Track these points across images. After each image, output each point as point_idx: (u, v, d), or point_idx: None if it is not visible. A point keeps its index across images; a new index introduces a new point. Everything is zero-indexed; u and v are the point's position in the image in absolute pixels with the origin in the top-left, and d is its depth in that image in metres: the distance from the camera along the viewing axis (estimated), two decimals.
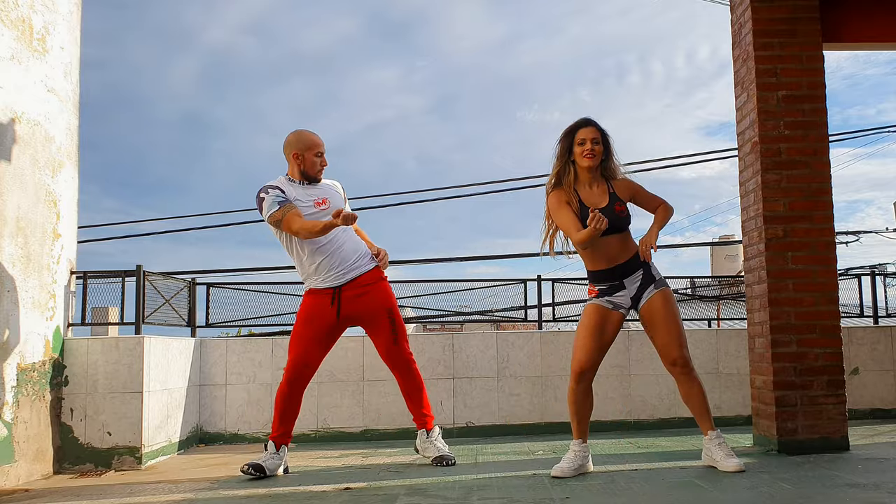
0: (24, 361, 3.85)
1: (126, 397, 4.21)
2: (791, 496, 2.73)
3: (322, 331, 3.73)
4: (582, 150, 3.35)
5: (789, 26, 4.01)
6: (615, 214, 3.33)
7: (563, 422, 5.18)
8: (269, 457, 3.64)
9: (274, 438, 3.69)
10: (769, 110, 3.98)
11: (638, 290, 3.36)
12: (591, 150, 3.34)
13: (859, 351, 5.46)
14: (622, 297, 3.36)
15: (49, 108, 4.20)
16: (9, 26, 3.85)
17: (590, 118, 3.44)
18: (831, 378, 3.84)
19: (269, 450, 3.68)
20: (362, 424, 5.12)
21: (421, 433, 3.89)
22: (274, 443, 3.68)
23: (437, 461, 3.77)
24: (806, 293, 3.89)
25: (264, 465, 3.59)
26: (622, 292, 3.36)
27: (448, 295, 6.12)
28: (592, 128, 3.38)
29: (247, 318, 5.56)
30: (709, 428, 3.37)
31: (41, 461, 3.97)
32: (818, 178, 3.96)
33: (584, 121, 3.42)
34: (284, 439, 3.71)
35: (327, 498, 3.04)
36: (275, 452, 3.67)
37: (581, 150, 3.36)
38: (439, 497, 2.95)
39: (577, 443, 3.40)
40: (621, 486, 3.03)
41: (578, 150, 3.37)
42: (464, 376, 5.21)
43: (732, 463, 3.25)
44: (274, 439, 3.69)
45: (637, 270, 3.37)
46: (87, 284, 4.49)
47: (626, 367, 5.26)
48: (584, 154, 3.35)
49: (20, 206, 3.87)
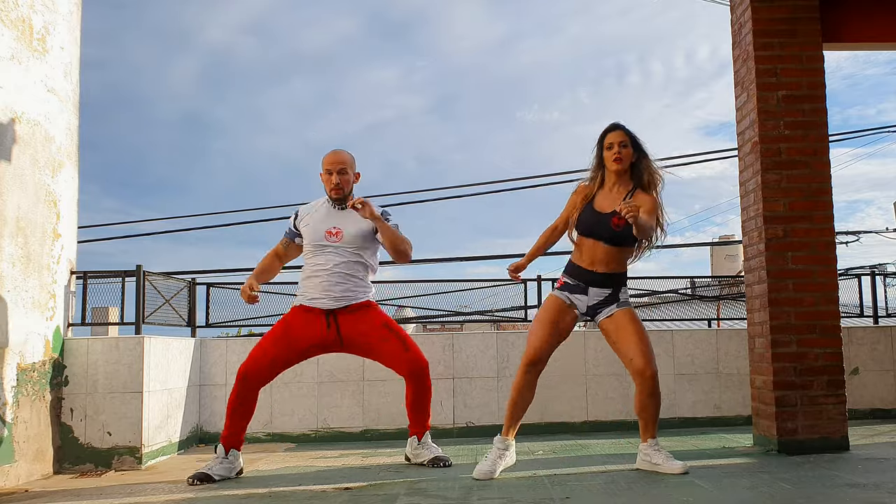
0: (24, 361, 3.85)
1: (126, 397, 4.21)
2: (791, 496, 2.73)
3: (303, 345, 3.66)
4: (610, 155, 3.40)
5: (789, 26, 4.01)
6: (609, 225, 3.33)
7: (563, 422, 5.19)
8: (217, 462, 3.53)
9: (223, 440, 3.58)
10: (769, 110, 3.98)
11: (598, 304, 3.39)
12: (619, 154, 3.38)
13: (859, 351, 5.46)
14: (580, 301, 3.41)
15: (49, 108, 4.20)
16: (9, 26, 3.85)
17: (618, 123, 3.47)
18: (831, 378, 3.84)
19: (217, 454, 3.56)
20: (362, 424, 5.12)
21: (412, 440, 3.84)
22: (223, 445, 3.57)
23: (434, 462, 3.74)
24: (806, 293, 3.89)
25: (211, 472, 3.48)
26: (581, 296, 3.41)
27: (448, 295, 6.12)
28: (620, 132, 3.41)
29: (247, 318, 5.56)
30: (650, 436, 3.39)
31: (41, 461, 3.97)
32: (818, 178, 3.96)
33: (612, 126, 3.46)
34: (232, 442, 3.58)
35: (327, 498, 3.04)
36: (224, 457, 3.55)
37: (609, 155, 3.40)
38: (439, 497, 2.95)
39: (504, 440, 3.46)
40: (621, 487, 3.03)
41: (607, 155, 3.41)
42: (464, 376, 5.21)
43: (677, 465, 3.28)
44: (223, 441, 3.58)
45: (608, 288, 3.39)
46: (87, 284, 4.49)
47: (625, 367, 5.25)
48: (612, 158, 3.39)
49: (20, 206, 3.87)
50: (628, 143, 3.40)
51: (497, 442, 3.49)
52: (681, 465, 3.28)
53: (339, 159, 3.73)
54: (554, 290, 3.49)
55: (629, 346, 3.31)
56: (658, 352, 5.34)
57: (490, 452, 3.47)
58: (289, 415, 5.11)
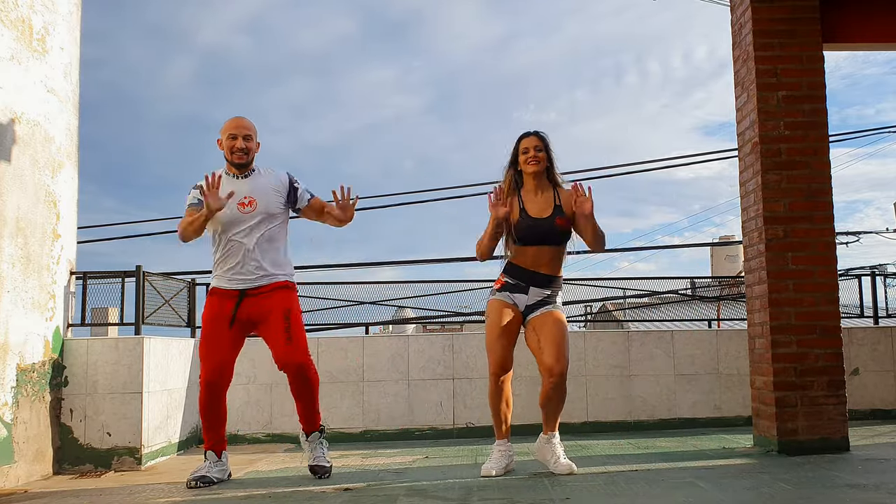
0: (23, 362, 3.85)
1: (126, 398, 4.20)
2: (791, 497, 2.73)
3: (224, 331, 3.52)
4: (525, 158, 3.54)
5: (789, 26, 4.01)
6: (555, 227, 3.47)
7: (563, 422, 5.16)
8: (212, 465, 3.52)
9: (211, 448, 3.55)
10: (769, 110, 3.97)
11: (535, 304, 3.47)
12: (535, 157, 3.52)
13: (859, 351, 5.46)
14: (519, 299, 3.48)
15: (49, 108, 4.20)
16: (9, 26, 3.85)
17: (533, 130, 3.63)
18: (831, 379, 3.84)
19: (209, 459, 3.53)
20: (362, 425, 5.11)
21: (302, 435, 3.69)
22: (213, 451, 3.54)
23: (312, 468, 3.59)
24: (806, 293, 3.88)
25: (209, 475, 3.48)
26: (521, 296, 3.48)
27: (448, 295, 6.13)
28: (534, 137, 3.58)
29: None
30: (551, 430, 3.48)
31: (41, 462, 3.96)
32: (818, 179, 3.96)
33: (526, 133, 3.62)
34: (221, 446, 3.57)
35: (327, 498, 3.04)
36: (217, 460, 3.54)
37: (525, 158, 3.54)
38: (439, 497, 2.95)
39: (503, 443, 3.52)
40: (621, 487, 3.03)
41: (522, 159, 3.55)
42: (464, 377, 5.21)
43: (564, 465, 3.36)
44: (211, 448, 3.55)
45: (547, 289, 3.48)
46: (86, 285, 4.49)
47: (626, 368, 5.25)
48: (527, 161, 3.53)
49: (20, 206, 3.86)
50: (542, 147, 3.55)
51: (496, 445, 3.54)
52: (567, 465, 3.37)
53: (245, 124, 3.62)
54: (493, 294, 3.53)
55: (547, 344, 3.38)
56: (658, 352, 5.34)
57: (493, 452, 3.52)
58: (288, 415, 5.10)
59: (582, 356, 5.24)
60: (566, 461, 3.39)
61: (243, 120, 3.65)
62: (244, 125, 3.62)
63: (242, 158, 3.59)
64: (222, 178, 3.55)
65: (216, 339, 3.51)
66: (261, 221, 3.55)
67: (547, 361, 3.36)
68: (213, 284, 3.61)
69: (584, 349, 5.25)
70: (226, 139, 3.59)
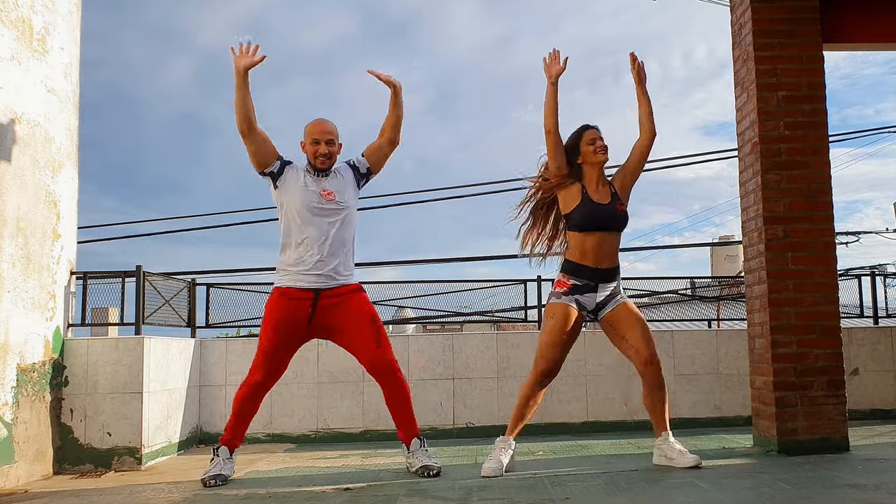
0: (24, 362, 3.85)
1: (126, 398, 4.20)
2: (791, 497, 2.73)
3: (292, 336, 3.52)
4: (595, 148, 3.53)
5: (789, 26, 4.01)
6: (616, 212, 3.49)
7: (563, 422, 5.19)
8: (225, 462, 3.53)
9: (227, 443, 3.55)
10: (769, 110, 3.97)
11: (605, 299, 3.47)
12: (604, 147, 3.54)
13: (859, 351, 5.46)
14: (589, 300, 3.46)
15: (49, 108, 4.20)
16: (9, 27, 3.85)
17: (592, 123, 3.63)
18: (831, 379, 3.84)
19: (221, 455, 3.54)
20: (362, 425, 5.12)
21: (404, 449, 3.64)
22: (227, 448, 3.55)
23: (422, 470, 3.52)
24: (806, 293, 3.88)
25: (224, 472, 3.49)
26: (591, 295, 3.46)
27: (448, 295, 6.12)
28: (595, 129, 3.58)
29: (247, 318, 5.56)
30: (664, 429, 3.46)
31: (41, 462, 3.96)
32: (818, 179, 3.96)
33: (587, 125, 3.60)
34: (237, 443, 3.58)
35: (327, 498, 3.04)
36: (228, 457, 3.55)
37: (594, 148, 3.53)
38: (439, 497, 2.95)
39: (506, 439, 3.51)
40: (621, 487, 3.03)
41: (591, 149, 3.53)
42: (464, 377, 5.21)
43: (690, 459, 3.37)
44: (227, 444, 3.55)
45: (613, 283, 3.49)
46: (86, 285, 4.49)
47: (626, 368, 5.25)
48: (596, 151, 3.53)
49: (20, 206, 3.86)
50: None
51: (500, 441, 3.51)
52: (694, 458, 3.37)
53: (328, 129, 3.59)
54: (559, 297, 3.46)
55: (633, 335, 3.41)
56: (658, 352, 5.33)
57: (494, 451, 3.49)
58: (289, 415, 5.11)
59: (582, 356, 5.24)
60: (692, 455, 3.38)
61: (326, 123, 3.61)
62: (327, 129, 3.58)
63: (325, 164, 3.57)
64: (302, 174, 3.56)
65: (282, 342, 3.49)
66: (338, 217, 3.54)
67: (642, 352, 3.40)
68: (283, 284, 3.51)
69: (584, 349, 5.24)
70: (309, 144, 3.57)
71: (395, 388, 3.53)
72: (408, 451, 3.59)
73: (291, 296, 3.48)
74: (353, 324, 3.50)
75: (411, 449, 3.58)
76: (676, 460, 3.40)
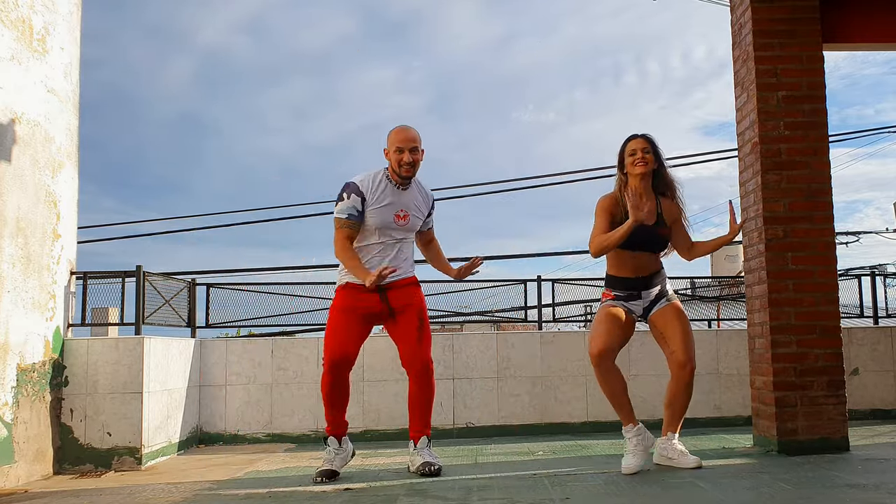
0: (24, 362, 3.85)
1: (126, 398, 4.21)
2: (791, 497, 2.73)
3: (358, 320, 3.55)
4: (633, 160, 3.50)
5: (789, 26, 4.01)
6: (658, 236, 3.50)
7: (563, 422, 5.19)
8: (335, 455, 3.54)
9: (333, 432, 3.56)
10: (769, 110, 3.97)
11: (652, 302, 3.51)
12: (643, 159, 3.48)
13: (859, 351, 5.46)
14: (636, 305, 3.51)
15: (49, 108, 4.20)
16: (9, 26, 3.85)
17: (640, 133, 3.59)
18: (831, 378, 3.84)
19: (331, 446, 3.55)
20: (362, 425, 5.11)
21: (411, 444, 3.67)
22: (335, 437, 3.56)
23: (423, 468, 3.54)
24: (806, 293, 3.89)
25: (334, 468, 3.50)
26: (637, 301, 3.51)
27: (448, 295, 6.12)
28: (642, 139, 3.53)
29: (247, 318, 5.56)
30: (673, 430, 3.47)
31: (41, 462, 3.96)
32: (818, 179, 3.96)
33: (633, 135, 3.58)
34: (342, 429, 3.58)
35: (327, 498, 3.04)
36: (338, 448, 3.56)
37: (632, 160, 3.50)
38: (439, 497, 2.95)
39: (629, 429, 3.42)
40: (621, 487, 3.03)
41: (630, 161, 3.51)
42: (464, 377, 5.21)
43: (691, 460, 3.38)
44: (334, 434, 3.56)
45: (656, 286, 3.52)
46: (86, 285, 4.49)
47: (626, 368, 5.25)
48: (634, 163, 3.49)
49: (20, 206, 3.87)
50: (650, 149, 3.50)
51: (626, 432, 3.44)
52: (695, 459, 3.38)
53: (412, 136, 3.57)
54: (606, 303, 3.51)
55: (674, 339, 3.42)
56: (658, 352, 5.33)
57: (628, 445, 3.43)
58: (289, 415, 5.11)
59: (582, 356, 5.23)
60: (693, 457, 3.40)
61: (410, 131, 3.60)
62: (411, 137, 3.57)
63: (409, 172, 3.56)
64: (383, 184, 3.56)
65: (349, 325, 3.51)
66: (405, 237, 3.64)
67: (678, 354, 3.39)
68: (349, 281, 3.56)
69: (584, 349, 5.24)
70: (393, 152, 3.55)
71: (425, 386, 3.59)
72: (414, 447, 3.61)
73: (358, 288, 3.54)
74: (404, 312, 3.58)
75: (418, 446, 3.59)
76: (677, 461, 3.41)
